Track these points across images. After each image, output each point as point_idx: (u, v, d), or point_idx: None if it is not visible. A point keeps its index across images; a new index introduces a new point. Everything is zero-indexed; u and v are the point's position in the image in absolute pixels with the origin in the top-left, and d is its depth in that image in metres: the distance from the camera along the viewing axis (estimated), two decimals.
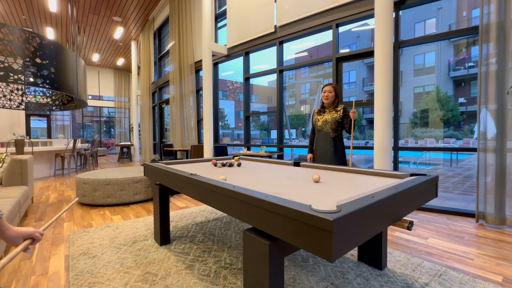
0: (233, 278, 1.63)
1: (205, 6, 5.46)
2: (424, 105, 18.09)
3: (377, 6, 3.01)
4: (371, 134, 17.78)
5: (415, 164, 11.08)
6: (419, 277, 1.63)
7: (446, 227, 2.54)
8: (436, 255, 1.95)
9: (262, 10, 5.00)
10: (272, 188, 1.31)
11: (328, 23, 3.98)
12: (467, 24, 17.89)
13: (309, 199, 1.08)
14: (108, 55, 11.81)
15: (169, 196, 2.75)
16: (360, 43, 23.47)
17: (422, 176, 1.50)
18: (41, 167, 6.25)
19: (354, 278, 1.62)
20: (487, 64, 2.57)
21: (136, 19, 8.70)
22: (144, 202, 3.69)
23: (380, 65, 3.00)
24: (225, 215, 2.98)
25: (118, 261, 1.88)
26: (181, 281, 1.61)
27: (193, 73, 6.68)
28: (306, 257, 1.92)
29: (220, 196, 1.26)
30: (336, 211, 0.80)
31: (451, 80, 18.02)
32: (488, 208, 2.59)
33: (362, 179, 1.60)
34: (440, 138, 16.33)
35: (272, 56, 4.97)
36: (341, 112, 2.59)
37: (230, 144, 6.35)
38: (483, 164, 2.62)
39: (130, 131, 13.10)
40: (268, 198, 0.97)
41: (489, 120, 2.59)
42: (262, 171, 1.98)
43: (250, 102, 5.70)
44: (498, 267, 1.77)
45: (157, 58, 9.54)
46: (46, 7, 7.53)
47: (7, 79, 3.79)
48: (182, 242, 2.22)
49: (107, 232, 2.49)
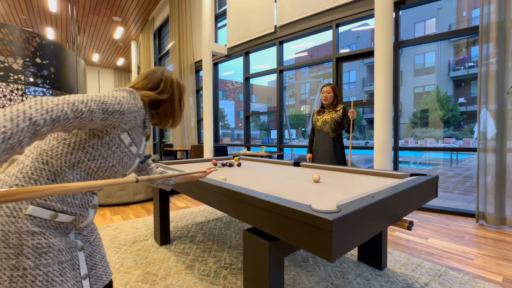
0: (233, 278, 1.63)
1: (205, 6, 5.46)
2: (424, 105, 18.10)
3: (377, 6, 3.01)
4: (371, 134, 17.78)
5: (415, 164, 11.09)
6: (419, 277, 1.63)
7: (446, 227, 2.54)
8: (436, 255, 1.95)
9: (262, 10, 5.00)
10: (272, 188, 1.31)
11: (328, 23, 3.98)
12: (467, 24, 17.90)
13: (309, 199, 1.08)
14: (108, 55, 11.81)
15: (169, 196, 2.75)
16: (360, 43, 23.47)
17: (422, 176, 1.50)
18: None
19: (354, 278, 1.62)
20: (487, 64, 2.57)
21: (136, 19, 8.70)
22: (144, 202, 3.69)
23: (380, 65, 3.00)
24: (225, 215, 2.98)
25: (118, 261, 1.88)
26: (181, 281, 1.61)
27: (193, 73, 6.68)
28: (306, 257, 1.92)
29: (220, 196, 1.26)
30: (336, 211, 0.80)
31: (451, 80, 18.03)
32: (488, 208, 2.59)
33: (362, 179, 1.60)
34: (440, 138, 16.34)
35: (272, 56, 4.97)
36: (340, 112, 2.58)
37: (230, 144, 6.35)
38: (483, 164, 2.62)
39: None
40: (268, 198, 0.97)
41: (489, 120, 2.59)
42: (262, 171, 1.98)
43: (250, 102, 5.70)
44: (498, 267, 1.77)
45: (157, 58, 9.54)
46: (46, 7, 7.53)
47: (7, 79, 3.80)
48: (182, 242, 2.22)
49: (107, 232, 2.49)
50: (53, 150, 0.72)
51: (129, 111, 0.77)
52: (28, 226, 0.66)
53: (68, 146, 0.73)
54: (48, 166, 0.71)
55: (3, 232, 0.63)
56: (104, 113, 0.69)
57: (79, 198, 0.77)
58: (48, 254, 0.67)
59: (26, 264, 0.64)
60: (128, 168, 0.88)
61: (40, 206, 0.68)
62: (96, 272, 0.85)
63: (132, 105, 0.78)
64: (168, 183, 1.17)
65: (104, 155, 0.78)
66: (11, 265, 0.62)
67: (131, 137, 0.84)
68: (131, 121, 0.81)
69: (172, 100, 0.96)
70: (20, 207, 0.66)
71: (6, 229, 0.63)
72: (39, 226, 0.68)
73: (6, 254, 0.62)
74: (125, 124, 0.80)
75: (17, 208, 0.65)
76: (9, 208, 0.65)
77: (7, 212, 0.64)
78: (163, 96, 0.92)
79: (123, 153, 0.83)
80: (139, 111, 0.82)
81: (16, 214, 0.65)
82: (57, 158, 0.72)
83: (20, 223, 0.65)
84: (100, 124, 0.70)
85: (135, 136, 0.86)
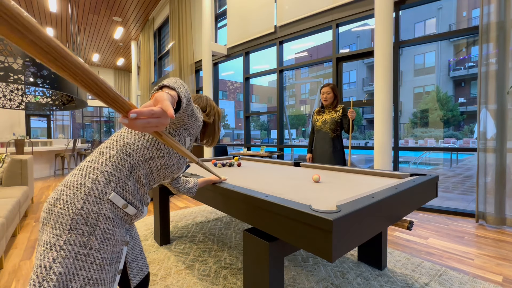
0: (233, 278, 1.63)
1: (205, 6, 5.46)
2: (424, 105, 18.10)
3: (377, 6, 3.01)
4: (371, 134, 17.78)
5: (415, 164, 11.09)
6: (419, 277, 1.63)
7: (446, 227, 2.54)
8: (436, 255, 1.95)
9: (262, 10, 5.00)
10: (272, 188, 1.31)
11: (328, 23, 3.98)
12: (467, 24, 17.90)
13: (309, 199, 1.08)
14: (108, 55, 11.80)
15: (169, 196, 2.75)
16: (360, 43, 23.47)
17: (422, 176, 1.50)
18: (41, 167, 6.25)
19: (354, 278, 1.62)
20: (487, 64, 2.57)
21: (136, 19, 8.70)
22: None
23: (380, 65, 3.00)
24: (225, 215, 2.97)
25: None
26: (181, 281, 1.61)
27: (193, 73, 6.68)
28: (306, 257, 1.92)
29: (220, 196, 1.26)
30: (336, 211, 0.80)
31: (451, 80, 18.03)
32: (488, 208, 2.59)
33: (362, 179, 1.60)
34: (440, 138, 16.34)
35: (272, 56, 4.97)
36: (340, 112, 2.58)
37: (230, 144, 6.35)
38: (483, 164, 2.62)
39: None
40: (268, 198, 0.97)
41: (489, 120, 2.59)
42: (262, 171, 1.97)
43: (250, 102, 5.70)
44: (498, 267, 1.77)
45: (157, 58, 9.54)
46: (46, 7, 7.53)
47: (7, 79, 3.79)
48: (182, 242, 2.22)
49: None
50: (135, 144, 0.81)
51: (199, 120, 0.88)
52: (107, 209, 0.73)
53: (146, 142, 0.82)
54: (130, 158, 0.79)
55: (87, 210, 0.69)
56: (191, 111, 0.78)
57: (140, 195, 0.84)
58: (110, 241, 0.73)
59: (93, 244, 0.69)
60: (179, 170, 0.95)
61: (119, 195, 0.76)
62: (137, 264, 0.91)
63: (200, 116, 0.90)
64: (192, 191, 1.21)
65: (170, 153, 0.86)
66: (82, 242, 0.67)
67: (190, 143, 0.94)
68: (196, 129, 0.91)
69: (214, 123, 1.10)
70: (106, 191, 0.73)
71: (90, 208, 0.70)
72: (113, 213, 0.75)
73: (82, 230, 0.68)
74: (193, 130, 0.90)
75: (103, 192, 0.73)
76: (98, 190, 0.72)
77: (96, 194, 0.71)
78: (210, 119, 1.07)
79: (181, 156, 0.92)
80: (201, 123, 0.93)
81: (102, 197, 0.72)
82: (137, 151, 0.80)
83: (102, 205, 0.72)
84: (185, 121, 0.80)
85: (191, 143, 0.96)
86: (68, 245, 0.66)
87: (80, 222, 0.68)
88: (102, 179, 0.73)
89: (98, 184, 0.72)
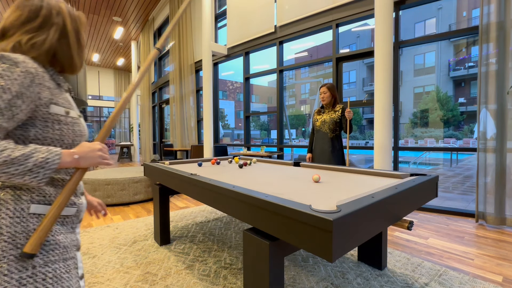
0: (233, 278, 1.63)
1: (205, 6, 5.46)
2: (424, 105, 18.11)
3: (377, 6, 3.01)
4: (371, 134, 17.78)
5: (415, 164, 11.09)
6: (419, 277, 1.63)
7: (446, 227, 2.54)
8: (436, 255, 1.95)
9: (262, 10, 5.00)
10: (272, 188, 1.31)
11: (328, 23, 3.98)
12: (467, 24, 17.91)
13: (309, 199, 1.08)
14: (108, 55, 11.80)
15: (169, 196, 2.75)
16: (360, 43, 23.48)
17: (422, 176, 1.50)
18: None
19: (354, 278, 1.62)
20: (487, 64, 2.57)
21: (136, 19, 8.70)
22: (144, 202, 3.69)
23: (380, 65, 3.00)
24: (225, 215, 2.97)
25: (118, 261, 1.88)
26: (181, 281, 1.61)
27: (193, 73, 6.68)
28: (306, 257, 1.92)
29: (220, 196, 1.26)
30: (336, 211, 0.80)
31: (451, 80, 18.04)
32: (488, 208, 2.59)
33: (362, 179, 1.60)
34: (440, 138, 16.35)
35: (272, 56, 4.97)
36: (339, 112, 2.58)
37: (230, 144, 6.35)
38: (483, 164, 2.62)
39: (130, 131, 13.10)
40: (268, 198, 0.97)
41: (489, 120, 2.59)
42: (262, 171, 1.98)
43: (250, 102, 5.70)
44: (498, 267, 1.77)
45: (157, 58, 9.54)
46: None
47: None
48: (182, 242, 2.22)
49: (107, 232, 2.49)
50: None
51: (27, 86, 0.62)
52: (35, 224, 0.64)
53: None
54: None
55: (9, 234, 0.61)
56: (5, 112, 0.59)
57: None
58: (55, 251, 0.67)
59: (35, 262, 0.62)
60: (84, 132, 0.79)
61: (42, 203, 0.66)
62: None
63: (23, 78, 0.61)
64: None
65: (56, 138, 0.69)
66: (20, 266, 0.61)
67: (60, 104, 0.71)
68: (41, 91, 0.66)
69: (65, 34, 0.75)
70: (22, 207, 0.64)
71: (13, 230, 0.62)
72: None
73: (13, 256, 0.61)
74: (39, 99, 0.65)
75: (19, 209, 0.63)
76: (9, 209, 0.62)
77: (9, 214, 0.62)
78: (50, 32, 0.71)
79: (69, 125, 0.72)
80: (38, 76, 0.65)
81: (20, 214, 0.63)
82: None
83: (26, 222, 0.63)
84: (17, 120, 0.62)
85: (62, 101, 0.72)
86: (4, 276, 0.59)
87: (7, 248, 0.60)
88: (8, 197, 0.63)
89: (6, 204, 0.62)
